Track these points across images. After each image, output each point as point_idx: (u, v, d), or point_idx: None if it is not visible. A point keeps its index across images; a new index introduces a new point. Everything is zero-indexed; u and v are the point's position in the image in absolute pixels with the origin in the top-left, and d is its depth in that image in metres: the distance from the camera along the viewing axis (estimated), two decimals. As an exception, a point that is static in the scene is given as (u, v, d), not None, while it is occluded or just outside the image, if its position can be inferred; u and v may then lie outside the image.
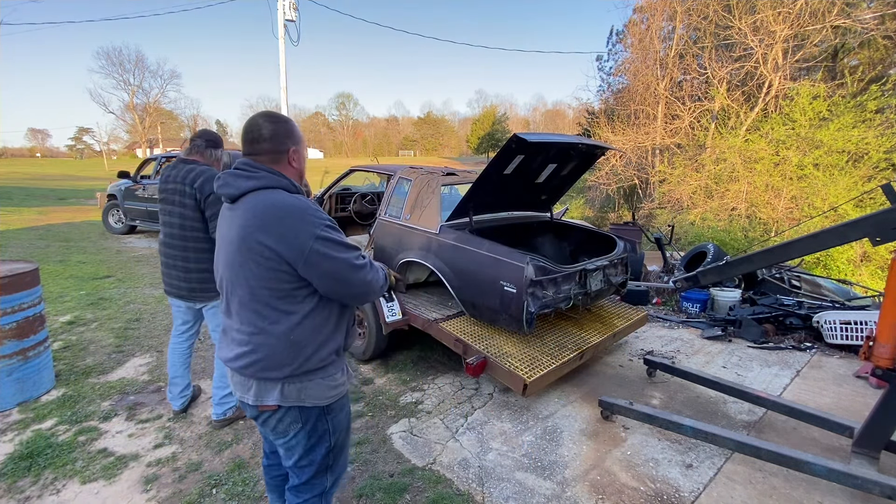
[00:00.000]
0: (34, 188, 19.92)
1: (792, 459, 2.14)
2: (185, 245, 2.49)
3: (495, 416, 2.91)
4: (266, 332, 1.30)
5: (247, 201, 1.30)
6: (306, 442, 1.42)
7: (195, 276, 2.51)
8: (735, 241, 8.58)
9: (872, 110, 9.70)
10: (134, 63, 52.65)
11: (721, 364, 3.74)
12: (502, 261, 2.85)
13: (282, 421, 1.38)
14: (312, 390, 1.37)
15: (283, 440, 1.42)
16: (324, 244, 1.25)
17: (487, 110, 75.61)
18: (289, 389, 1.34)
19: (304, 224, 1.24)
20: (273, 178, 1.32)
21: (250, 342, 1.32)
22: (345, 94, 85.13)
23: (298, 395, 1.36)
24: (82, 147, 73.38)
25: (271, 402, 1.34)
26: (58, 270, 6.05)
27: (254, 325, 1.31)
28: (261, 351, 1.32)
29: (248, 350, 1.33)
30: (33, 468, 2.30)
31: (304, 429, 1.40)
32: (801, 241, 2.51)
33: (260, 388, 1.34)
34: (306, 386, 1.36)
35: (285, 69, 12.35)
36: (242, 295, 1.31)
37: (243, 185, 1.30)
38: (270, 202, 1.27)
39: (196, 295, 2.57)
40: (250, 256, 1.26)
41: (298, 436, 1.41)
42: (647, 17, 16.11)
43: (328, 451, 1.47)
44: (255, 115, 1.39)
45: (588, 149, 3.49)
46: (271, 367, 1.32)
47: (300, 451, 1.44)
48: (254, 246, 1.25)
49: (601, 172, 15.62)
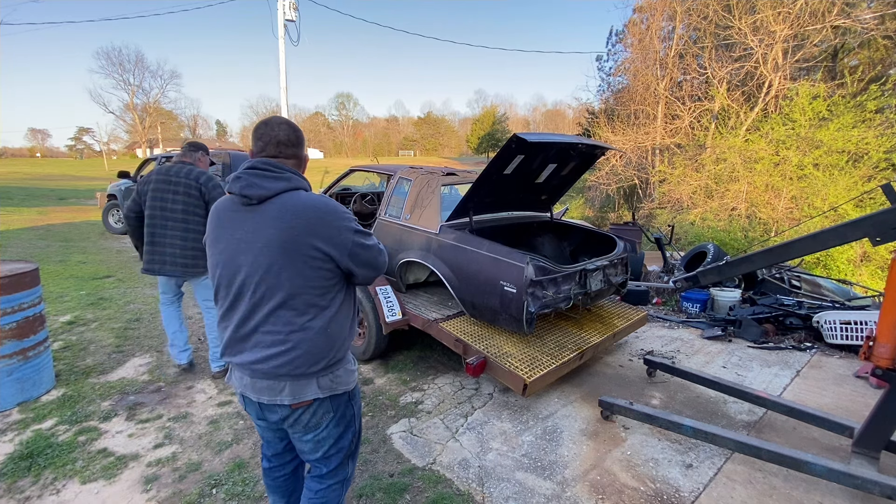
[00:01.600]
0: (34, 188, 19.92)
1: (792, 459, 2.14)
2: (186, 227, 3.02)
3: (495, 416, 2.91)
4: (306, 329, 1.34)
5: (278, 203, 1.30)
6: (336, 430, 1.49)
7: (190, 253, 3.05)
8: (735, 241, 8.59)
9: (872, 110, 9.70)
10: (134, 63, 52.77)
11: (721, 364, 3.74)
12: (502, 261, 2.85)
13: (315, 414, 1.43)
14: (342, 377, 1.45)
15: (314, 434, 1.46)
16: (359, 236, 1.37)
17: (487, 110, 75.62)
18: (323, 381, 1.40)
19: (343, 222, 1.34)
20: (299, 181, 1.37)
21: (288, 340, 1.33)
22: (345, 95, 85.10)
23: (332, 385, 1.42)
24: (82, 147, 73.35)
25: (310, 396, 1.38)
26: (58, 270, 6.05)
27: (292, 323, 1.32)
28: (301, 347, 1.34)
29: (284, 349, 1.33)
30: (33, 468, 2.30)
31: (335, 417, 1.47)
32: (801, 241, 2.51)
33: (295, 386, 1.37)
34: (337, 374, 1.44)
35: (285, 69, 12.36)
36: (282, 296, 1.30)
37: (274, 187, 1.30)
38: (310, 204, 1.32)
39: (189, 271, 3.08)
40: (299, 259, 1.28)
41: (329, 426, 1.47)
42: (646, 17, 16.13)
43: (354, 435, 1.56)
44: (274, 118, 1.44)
45: (588, 149, 3.49)
46: (309, 362, 1.36)
47: (331, 440, 1.49)
48: (304, 249, 1.28)
49: (601, 172, 15.63)
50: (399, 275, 3.69)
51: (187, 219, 3.01)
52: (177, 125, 62.24)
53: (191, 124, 66.93)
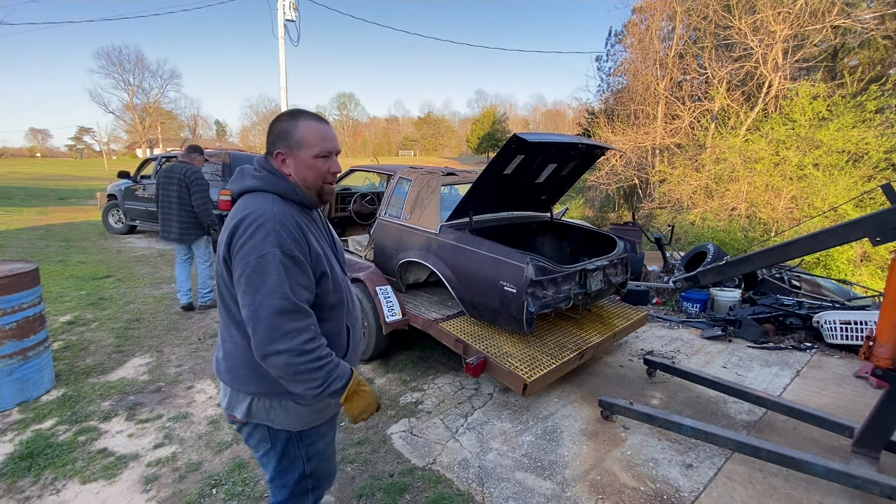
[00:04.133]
0: (34, 188, 19.91)
1: (792, 459, 2.14)
2: (180, 208, 4.31)
3: (495, 416, 2.91)
4: (235, 341, 1.22)
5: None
6: (277, 464, 1.31)
7: (185, 225, 4.35)
8: (735, 241, 8.59)
9: (872, 110, 9.69)
10: (134, 63, 52.75)
11: (721, 364, 3.74)
12: (502, 261, 2.85)
13: (251, 435, 1.29)
14: (280, 414, 1.24)
15: (256, 455, 1.34)
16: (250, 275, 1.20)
17: (487, 110, 75.51)
18: (257, 407, 1.23)
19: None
20: (258, 182, 1.22)
21: (222, 347, 1.27)
22: (346, 95, 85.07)
23: (266, 416, 1.24)
24: (82, 147, 73.28)
25: (238, 415, 1.24)
26: (58, 270, 6.05)
27: (225, 330, 1.26)
28: (228, 360, 1.24)
29: (221, 355, 1.27)
30: (33, 468, 2.30)
31: (272, 450, 1.29)
32: (801, 241, 2.51)
33: (231, 396, 1.25)
34: (272, 407, 1.23)
35: (285, 69, 12.36)
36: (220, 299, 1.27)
37: (234, 187, 1.26)
38: (234, 211, 1.22)
39: (184, 238, 4.40)
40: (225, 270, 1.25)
41: (268, 455, 1.30)
42: (646, 17, 16.11)
43: (302, 477, 1.35)
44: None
45: (588, 149, 3.48)
46: (237, 379, 1.23)
47: (271, 471, 1.33)
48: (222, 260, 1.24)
49: (601, 172, 15.61)
50: (399, 275, 3.69)
51: (181, 202, 4.28)
52: (177, 125, 62.21)
53: (191, 124, 66.85)
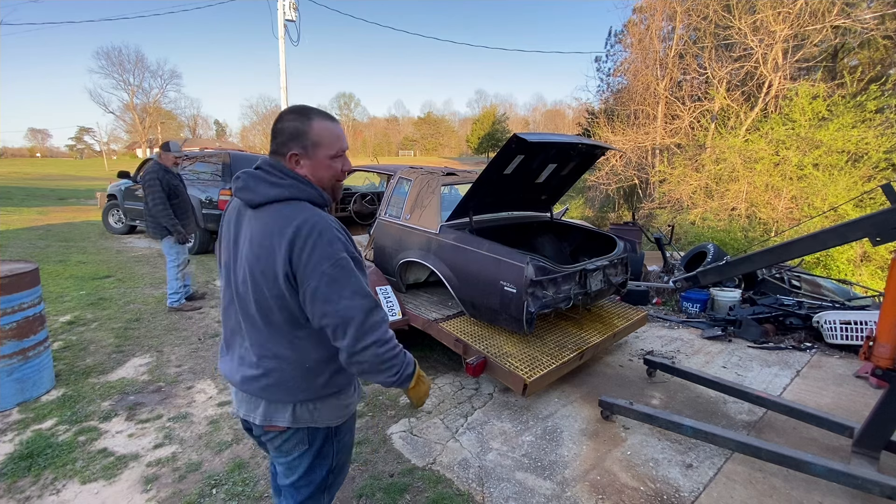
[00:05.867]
0: (34, 188, 19.91)
1: (792, 459, 2.14)
2: (146, 206, 4.48)
3: (495, 416, 2.91)
4: (279, 357, 1.25)
5: (272, 211, 1.21)
6: (309, 464, 1.37)
7: (150, 223, 4.49)
8: (735, 241, 8.59)
9: (872, 110, 9.70)
10: (134, 63, 52.80)
11: (721, 364, 3.74)
12: (502, 261, 2.85)
13: (288, 441, 1.33)
14: (324, 412, 1.32)
15: (285, 459, 1.36)
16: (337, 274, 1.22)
17: (487, 110, 75.46)
18: (301, 411, 1.29)
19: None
20: (299, 189, 1.22)
21: (259, 365, 1.26)
22: (346, 95, 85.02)
23: (310, 418, 1.31)
24: (82, 147, 73.28)
25: (281, 423, 1.29)
26: (58, 270, 6.05)
27: (263, 346, 1.26)
28: (272, 376, 1.26)
29: (257, 374, 1.26)
30: (33, 468, 2.30)
31: (309, 450, 1.35)
32: (801, 241, 2.51)
33: (268, 409, 1.29)
34: (317, 408, 1.31)
35: (285, 69, 12.37)
36: (255, 315, 1.24)
37: (268, 193, 1.21)
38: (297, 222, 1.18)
39: (150, 234, 4.57)
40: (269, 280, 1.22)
41: (303, 456, 1.35)
42: (646, 17, 16.11)
43: (329, 471, 1.42)
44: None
45: (588, 149, 3.49)
46: (283, 390, 1.27)
47: (301, 471, 1.37)
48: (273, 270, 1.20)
49: (601, 172, 15.62)
50: (399, 275, 3.69)
51: (146, 201, 4.47)
52: (177, 125, 62.18)
53: (191, 124, 66.89)
